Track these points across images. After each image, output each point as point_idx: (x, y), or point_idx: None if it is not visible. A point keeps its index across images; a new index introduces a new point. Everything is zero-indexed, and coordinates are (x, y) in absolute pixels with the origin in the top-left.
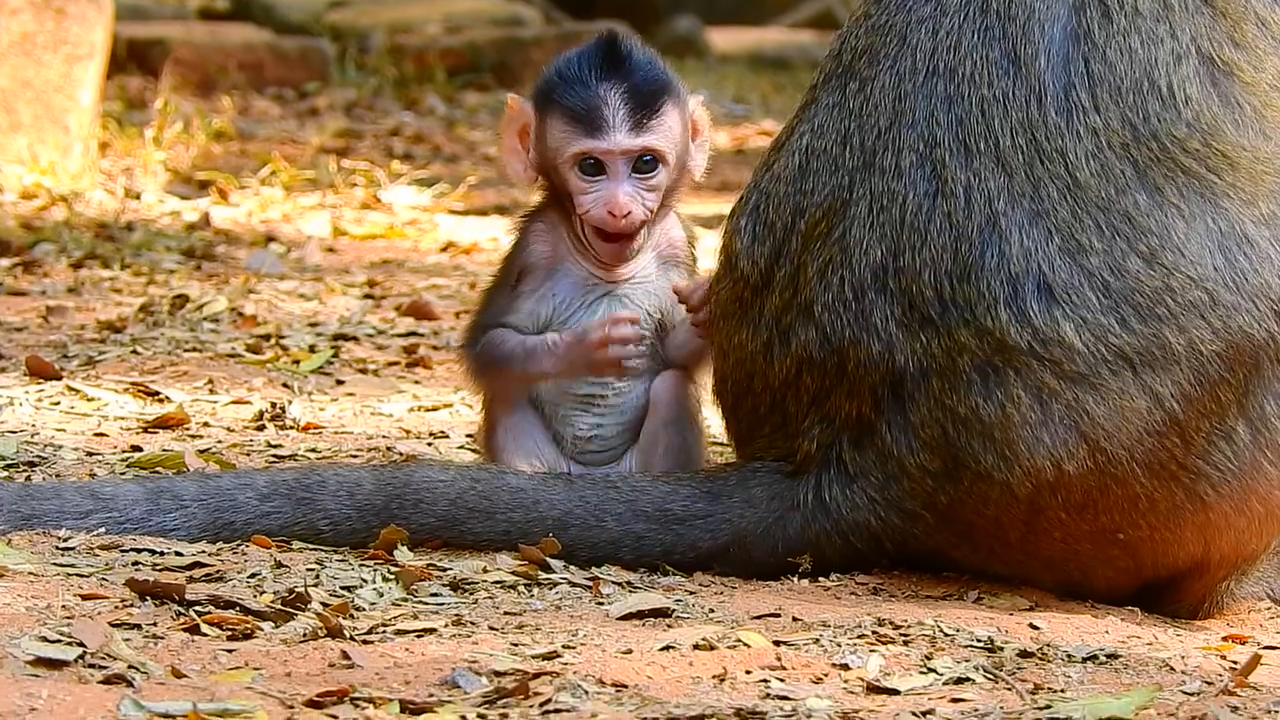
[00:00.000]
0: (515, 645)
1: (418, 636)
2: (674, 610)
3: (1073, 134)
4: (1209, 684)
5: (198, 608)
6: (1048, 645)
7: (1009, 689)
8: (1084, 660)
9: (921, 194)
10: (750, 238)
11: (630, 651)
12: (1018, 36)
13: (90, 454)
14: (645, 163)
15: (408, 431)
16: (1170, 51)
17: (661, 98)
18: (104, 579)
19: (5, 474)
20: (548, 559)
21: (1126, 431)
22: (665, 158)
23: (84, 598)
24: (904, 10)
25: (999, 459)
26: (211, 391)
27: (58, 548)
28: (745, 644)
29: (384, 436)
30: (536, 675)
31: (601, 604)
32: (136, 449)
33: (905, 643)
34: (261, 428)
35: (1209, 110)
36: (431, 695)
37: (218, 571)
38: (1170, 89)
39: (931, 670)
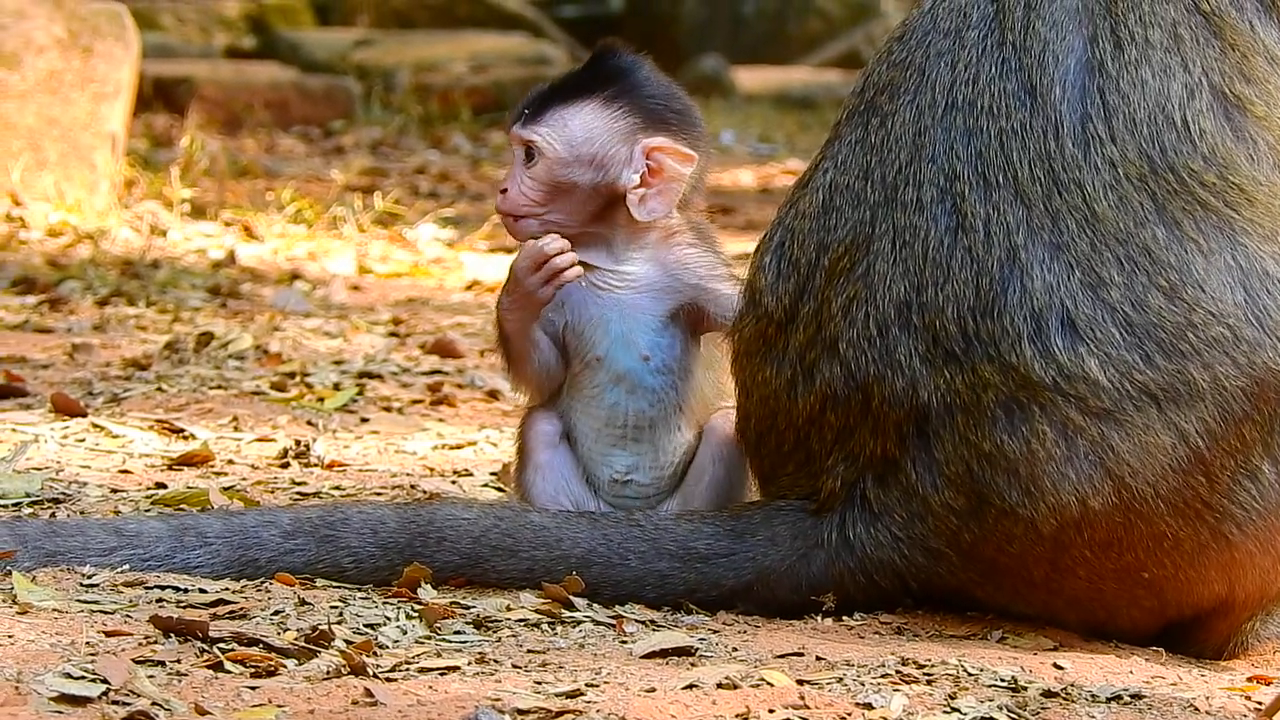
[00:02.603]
0: (539, 683)
1: (441, 674)
2: (697, 649)
3: (1090, 166)
4: None
5: (221, 645)
6: (1072, 685)
7: None
8: (1108, 700)
9: (943, 229)
10: (775, 274)
11: (653, 690)
12: (1033, 68)
13: (115, 491)
14: (529, 155)
15: (432, 469)
16: (1183, 84)
17: (571, 99)
18: (128, 616)
19: (30, 511)
20: (571, 597)
21: (1151, 468)
22: (543, 153)
23: (108, 634)
24: (924, 45)
25: (1024, 495)
26: (236, 429)
27: (82, 584)
28: (768, 683)
29: (408, 474)
30: (560, 714)
31: (625, 642)
32: (161, 486)
33: (929, 682)
34: (286, 465)
35: (1223, 144)
36: None
37: (241, 609)
38: (1185, 122)
39: (955, 710)
